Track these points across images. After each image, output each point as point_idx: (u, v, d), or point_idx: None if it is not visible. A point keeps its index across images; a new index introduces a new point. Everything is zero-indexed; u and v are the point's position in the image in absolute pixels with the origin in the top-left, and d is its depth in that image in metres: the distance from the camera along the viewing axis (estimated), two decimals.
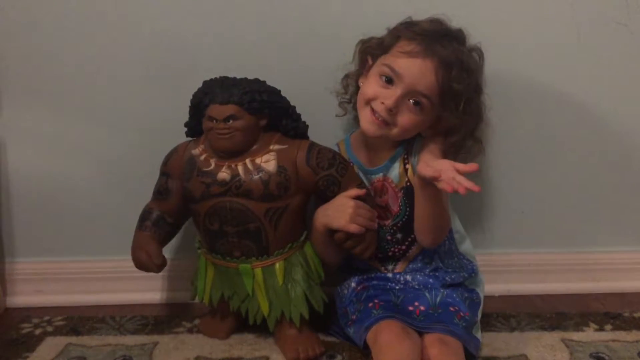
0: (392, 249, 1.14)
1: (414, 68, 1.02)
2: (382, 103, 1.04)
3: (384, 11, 1.12)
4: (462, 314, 1.06)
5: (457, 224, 1.17)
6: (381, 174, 1.12)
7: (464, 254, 1.17)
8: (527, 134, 1.25)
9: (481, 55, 1.10)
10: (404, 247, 1.14)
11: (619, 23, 1.17)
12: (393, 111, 1.04)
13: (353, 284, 1.15)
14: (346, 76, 1.17)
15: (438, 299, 1.10)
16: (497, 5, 1.18)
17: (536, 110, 1.23)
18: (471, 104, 1.07)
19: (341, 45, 1.14)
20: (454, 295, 1.10)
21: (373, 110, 1.05)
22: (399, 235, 1.13)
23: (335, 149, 1.14)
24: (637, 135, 1.25)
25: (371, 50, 1.11)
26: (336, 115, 1.19)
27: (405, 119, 1.05)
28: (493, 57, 1.17)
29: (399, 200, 1.11)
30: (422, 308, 1.08)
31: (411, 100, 1.04)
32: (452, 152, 1.09)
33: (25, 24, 1.20)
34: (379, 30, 1.11)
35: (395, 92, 1.03)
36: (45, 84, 1.23)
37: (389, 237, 1.13)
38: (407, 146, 1.11)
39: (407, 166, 1.10)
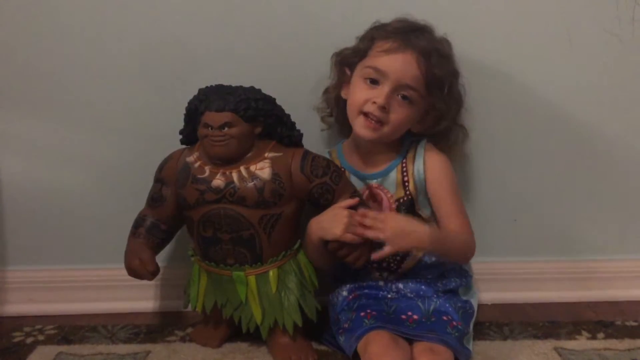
0: (387, 259, 1.14)
1: (396, 63, 1.05)
2: (374, 103, 1.05)
3: (376, 7, 1.12)
4: (455, 323, 1.07)
5: None
6: (376, 180, 1.13)
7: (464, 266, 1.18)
8: (518, 142, 1.25)
9: (450, 43, 1.12)
10: (398, 257, 1.14)
11: (610, 33, 1.19)
12: (386, 108, 1.05)
13: (345, 293, 1.15)
14: (326, 91, 1.18)
15: (431, 308, 1.10)
16: (489, 14, 1.19)
17: (528, 118, 1.24)
18: (452, 88, 1.10)
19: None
20: (447, 304, 1.10)
21: (366, 115, 1.06)
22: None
23: (326, 156, 1.15)
24: (628, 143, 1.26)
25: (348, 60, 1.13)
26: (321, 130, 1.21)
27: (397, 114, 1.06)
28: (485, 64, 1.19)
29: (393, 211, 1.12)
30: (415, 317, 1.08)
31: (399, 95, 1.05)
32: (441, 141, 1.15)
33: (16, 31, 1.19)
34: None
35: (383, 89, 1.05)
36: (38, 92, 1.22)
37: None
38: (407, 154, 1.13)
39: (406, 178, 1.11)
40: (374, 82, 1.06)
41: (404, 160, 1.13)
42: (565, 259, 1.31)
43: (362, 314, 1.08)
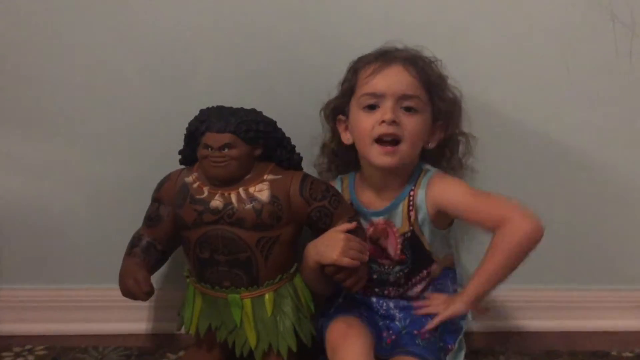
0: (390, 289, 1.14)
1: (388, 78, 1.04)
2: (383, 122, 1.03)
3: (378, 39, 1.12)
4: (427, 335, 1.07)
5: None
6: (382, 217, 1.12)
7: None
8: (516, 170, 1.25)
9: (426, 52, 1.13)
10: (402, 290, 1.14)
11: (608, 65, 1.19)
12: (396, 121, 1.03)
13: (340, 300, 1.16)
14: (323, 146, 1.18)
15: (407, 322, 1.11)
16: (487, 49, 1.19)
17: (525, 146, 1.24)
18: (446, 91, 1.10)
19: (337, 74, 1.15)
20: (423, 317, 1.10)
21: (379, 142, 1.04)
22: (402, 281, 1.13)
23: (337, 183, 1.16)
24: (625, 172, 1.26)
25: (338, 106, 1.12)
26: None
27: (409, 126, 1.04)
28: (483, 90, 1.19)
29: (399, 247, 1.11)
30: (393, 337, 1.10)
31: (403, 107, 1.05)
32: (453, 153, 1.15)
33: (6, 43, 1.18)
34: None
35: (386, 105, 1.04)
36: (28, 108, 1.21)
37: (391, 279, 1.14)
38: (416, 183, 1.10)
39: (411, 212, 1.09)
40: (373, 106, 1.05)
41: (412, 191, 1.10)
42: (562, 288, 1.31)
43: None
